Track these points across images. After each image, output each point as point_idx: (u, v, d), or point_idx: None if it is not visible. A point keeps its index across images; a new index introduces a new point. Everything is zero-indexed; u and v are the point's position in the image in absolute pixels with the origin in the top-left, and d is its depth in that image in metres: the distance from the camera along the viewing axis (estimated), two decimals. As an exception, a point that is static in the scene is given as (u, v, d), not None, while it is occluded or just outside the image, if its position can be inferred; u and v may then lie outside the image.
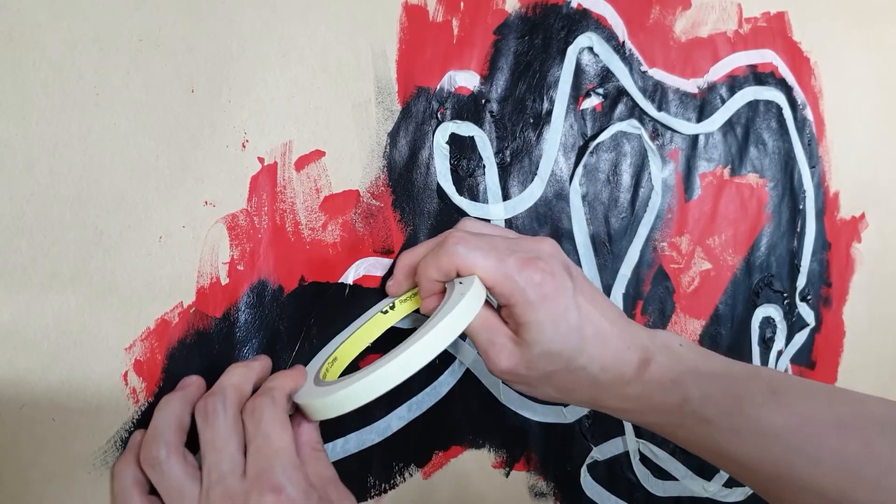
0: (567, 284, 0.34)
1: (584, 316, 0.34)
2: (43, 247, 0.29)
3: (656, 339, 0.36)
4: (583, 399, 0.36)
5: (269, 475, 0.29)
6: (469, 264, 0.34)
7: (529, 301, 0.33)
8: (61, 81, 0.30)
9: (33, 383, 0.29)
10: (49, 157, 0.29)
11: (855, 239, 0.63)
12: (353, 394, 0.30)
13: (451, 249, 0.34)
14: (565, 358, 0.34)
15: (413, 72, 0.39)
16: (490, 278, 0.34)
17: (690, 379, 0.34)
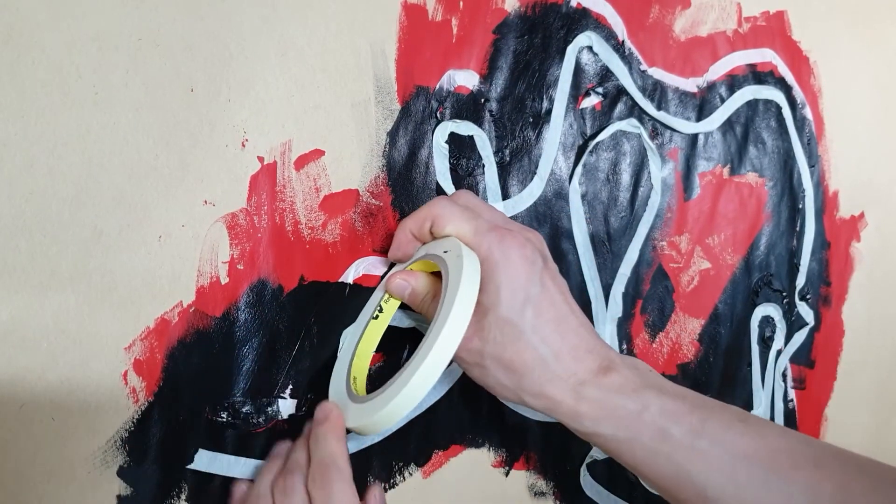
0: (536, 261, 0.34)
1: (546, 295, 0.33)
2: (42, 246, 0.29)
3: (626, 359, 0.35)
4: (532, 389, 0.33)
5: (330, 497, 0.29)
6: (445, 216, 0.34)
7: (493, 260, 0.33)
8: (60, 81, 0.30)
9: (33, 383, 0.29)
10: (48, 156, 0.29)
11: (854, 238, 0.63)
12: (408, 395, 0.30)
13: (433, 202, 0.35)
14: (517, 329, 0.32)
15: (412, 71, 0.39)
16: (459, 232, 0.34)
17: (654, 393, 0.33)
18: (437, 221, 0.34)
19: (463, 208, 0.35)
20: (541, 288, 0.33)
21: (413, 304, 0.37)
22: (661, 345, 0.51)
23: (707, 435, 0.31)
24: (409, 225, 0.35)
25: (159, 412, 0.33)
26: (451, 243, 0.34)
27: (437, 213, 0.34)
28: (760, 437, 0.31)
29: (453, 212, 0.34)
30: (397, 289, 0.36)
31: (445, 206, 0.34)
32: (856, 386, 0.64)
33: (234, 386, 0.34)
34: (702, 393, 0.34)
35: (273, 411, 0.36)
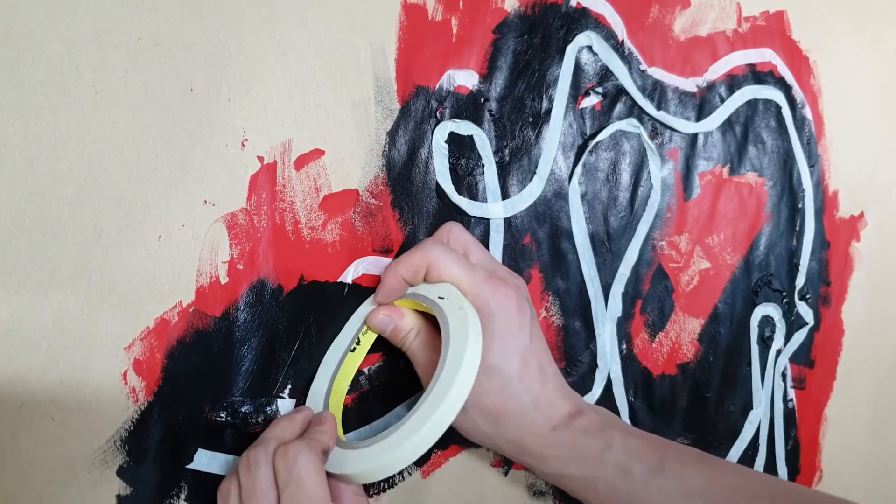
0: (526, 311, 0.35)
1: (534, 346, 0.34)
2: (42, 246, 0.29)
3: (592, 405, 0.37)
4: (509, 435, 0.34)
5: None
6: (441, 262, 0.34)
7: (490, 311, 0.34)
8: (60, 80, 0.30)
9: (32, 382, 0.29)
10: (48, 156, 0.29)
11: (854, 238, 0.63)
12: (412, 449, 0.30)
13: (427, 246, 0.35)
14: (504, 378, 0.33)
15: (412, 71, 0.39)
16: (455, 280, 0.34)
17: (618, 433, 0.35)
18: (432, 269, 0.34)
19: (458, 256, 0.35)
20: (529, 339, 0.34)
21: (394, 340, 0.37)
22: (661, 344, 0.51)
23: (667, 472, 0.33)
24: (401, 270, 0.35)
25: (159, 412, 0.33)
26: (447, 290, 0.34)
27: (432, 260, 0.34)
28: (719, 474, 0.33)
29: (449, 259, 0.34)
30: (380, 325, 0.36)
31: (441, 252, 0.34)
32: (855, 385, 0.64)
33: (233, 386, 0.35)
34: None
35: (272, 411, 0.36)
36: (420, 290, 0.35)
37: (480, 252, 0.37)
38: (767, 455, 0.57)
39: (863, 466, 0.65)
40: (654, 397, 0.50)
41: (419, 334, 0.36)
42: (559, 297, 0.45)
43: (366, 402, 0.39)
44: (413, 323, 0.37)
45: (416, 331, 0.36)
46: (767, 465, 0.57)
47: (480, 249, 0.37)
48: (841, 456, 0.63)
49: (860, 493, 0.65)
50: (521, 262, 0.44)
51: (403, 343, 0.37)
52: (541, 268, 0.44)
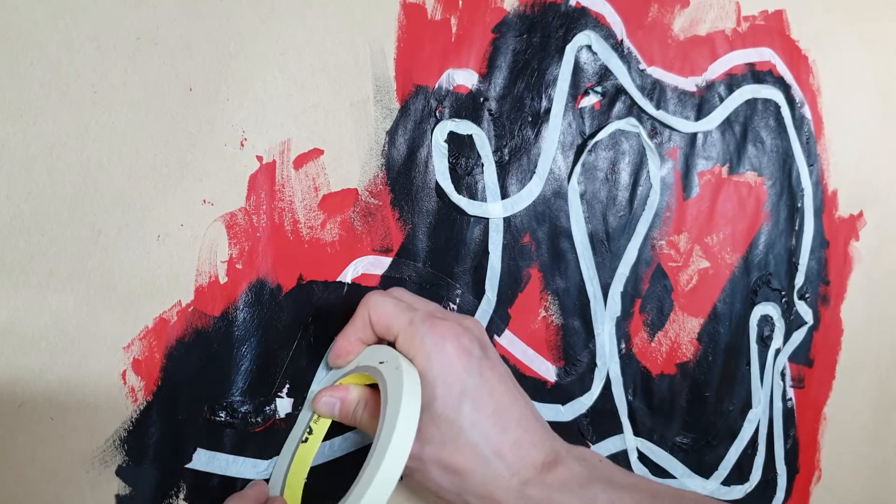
0: (474, 350, 0.32)
1: (485, 386, 0.31)
2: (41, 246, 0.29)
3: (573, 450, 0.33)
4: (476, 490, 0.31)
5: None
6: (379, 306, 0.33)
7: (426, 352, 0.31)
8: (59, 80, 0.30)
9: (31, 382, 0.29)
10: (47, 155, 0.29)
11: (853, 237, 0.63)
12: None
13: (366, 298, 0.34)
14: (455, 427, 0.31)
15: (411, 70, 0.39)
16: (393, 321, 0.33)
17: (601, 487, 0.31)
18: (372, 315, 0.33)
19: (397, 300, 0.34)
20: (479, 378, 0.31)
21: (345, 419, 0.35)
22: (660, 344, 0.51)
23: None
24: (350, 332, 0.34)
25: (158, 411, 0.33)
26: (386, 353, 0.33)
27: (371, 305, 0.33)
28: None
29: (386, 302, 0.33)
30: (325, 407, 0.34)
31: (379, 297, 0.34)
32: (855, 385, 0.64)
33: (232, 385, 0.35)
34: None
35: (271, 410, 0.36)
36: (362, 361, 0.35)
37: (427, 303, 0.36)
38: (766, 454, 0.57)
39: (862, 465, 0.65)
40: (653, 396, 0.50)
41: (367, 405, 0.34)
42: (558, 297, 0.45)
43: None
44: (359, 395, 0.34)
45: (364, 402, 0.34)
46: (766, 464, 0.57)
47: (426, 302, 0.36)
48: (840, 455, 0.63)
49: (859, 492, 0.65)
50: (520, 262, 0.44)
51: (353, 418, 0.35)
52: (540, 267, 0.44)
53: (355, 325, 0.34)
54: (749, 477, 0.55)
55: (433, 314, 0.33)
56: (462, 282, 0.41)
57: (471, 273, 0.42)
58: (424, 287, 0.40)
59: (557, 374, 0.45)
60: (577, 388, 0.46)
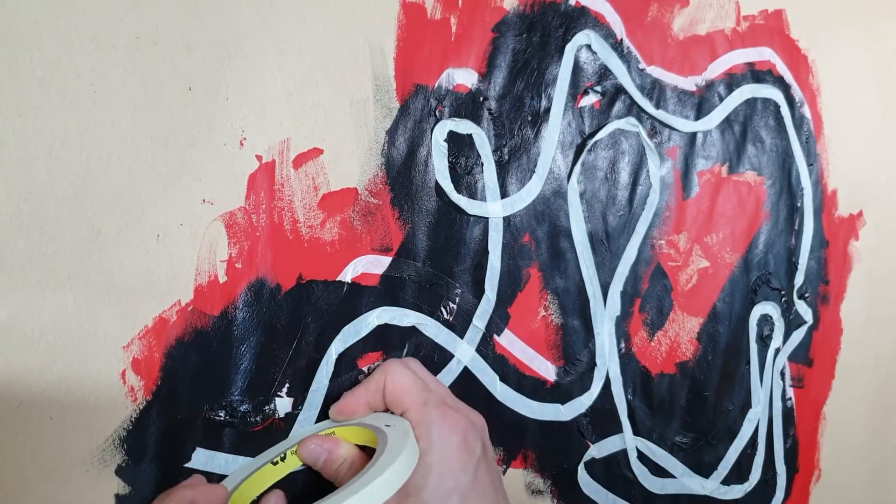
0: (476, 449, 0.32)
1: (477, 488, 0.31)
2: (40, 245, 0.29)
3: None
4: None
5: None
6: (397, 377, 0.33)
7: (431, 440, 0.31)
8: (58, 79, 0.30)
9: (31, 381, 0.29)
10: (46, 155, 0.29)
11: (853, 236, 0.63)
12: None
13: (387, 363, 0.34)
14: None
15: (411, 69, 0.39)
16: (406, 400, 0.33)
17: None
18: (388, 383, 0.33)
19: (415, 376, 0.34)
20: (473, 479, 0.31)
21: (326, 471, 0.34)
22: (660, 343, 0.51)
23: None
24: (361, 393, 0.34)
25: (157, 411, 0.33)
26: (397, 421, 0.33)
27: (389, 373, 0.33)
28: None
29: (405, 374, 0.33)
30: (311, 455, 0.34)
31: (398, 367, 0.34)
32: (854, 384, 0.64)
33: (231, 384, 0.35)
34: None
35: (270, 410, 0.36)
36: (368, 420, 0.34)
37: (440, 385, 0.36)
38: (766, 454, 0.57)
39: (862, 465, 0.65)
40: (652, 396, 0.50)
41: (352, 465, 0.33)
42: (558, 296, 0.45)
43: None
44: (348, 453, 0.34)
45: (350, 462, 0.34)
46: (766, 463, 0.57)
47: (440, 383, 0.36)
48: (840, 454, 0.63)
49: (859, 491, 0.65)
50: (519, 261, 0.44)
51: (335, 474, 0.34)
52: (540, 266, 0.44)
53: (367, 389, 0.34)
54: (748, 476, 0.55)
55: (445, 401, 0.34)
56: (462, 281, 0.41)
57: (470, 272, 0.42)
58: (424, 286, 0.40)
59: (557, 374, 0.45)
60: (576, 387, 0.46)
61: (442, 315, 0.41)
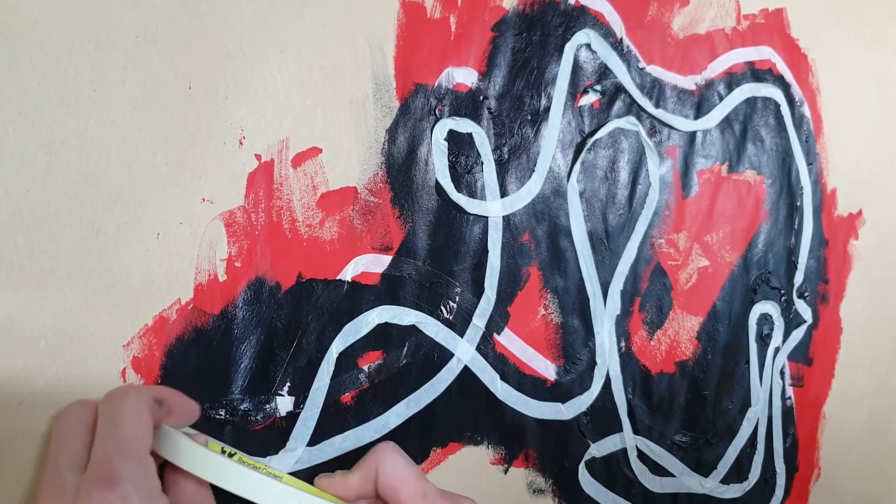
0: None
1: None
2: (40, 244, 0.29)
3: None
4: None
5: (106, 465, 0.23)
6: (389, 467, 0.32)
7: None
8: (58, 78, 0.30)
9: (31, 380, 0.29)
10: (46, 154, 0.29)
11: (852, 236, 0.63)
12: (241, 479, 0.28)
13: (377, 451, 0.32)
14: None
15: (411, 68, 0.39)
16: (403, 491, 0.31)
17: None
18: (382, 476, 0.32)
19: (408, 462, 0.33)
20: None
21: None
22: (660, 342, 0.51)
23: None
24: (351, 481, 0.32)
25: (157, 409, 0.32)
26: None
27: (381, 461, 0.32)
28: None
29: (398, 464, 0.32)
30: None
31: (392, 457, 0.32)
32: (854, 383, 0.64)
33: (232, 383, 0.35)
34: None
35: (271, 409, 0.36)
36: None
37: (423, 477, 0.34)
38: (766, 452, 0.57)
39: (861, 464, 0.65)
40: (652, 395, 0.50)
41: None
42: (558, 295, 0.45)
43: (365, 400, 0.39)
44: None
45: None
46: (765, 462, 0.57)
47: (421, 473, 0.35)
48: (839, 453, 0.63)
49: (858, 490, 0.65)
50: (519, 260, 0.44)
51: None
52: (539, 265, 0.44)
53: (356, 476, 0.33)
54: (748, 475, 0.55)
55: (445, 493, 0.33)
56: (461, 280, 0.41)
57: (470, 271, 0.42)
58: (424, 285, 0.40)
59: (557, 373, 0.45)
60: (576, 386, 0.46)
61: (442, 314, 0.41)
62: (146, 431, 0.25)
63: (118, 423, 0.25)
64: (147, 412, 0.26)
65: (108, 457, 0.24)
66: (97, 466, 0.24)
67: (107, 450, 0.24)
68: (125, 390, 0.27)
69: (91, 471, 0.24)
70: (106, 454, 0.24)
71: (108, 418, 0.25)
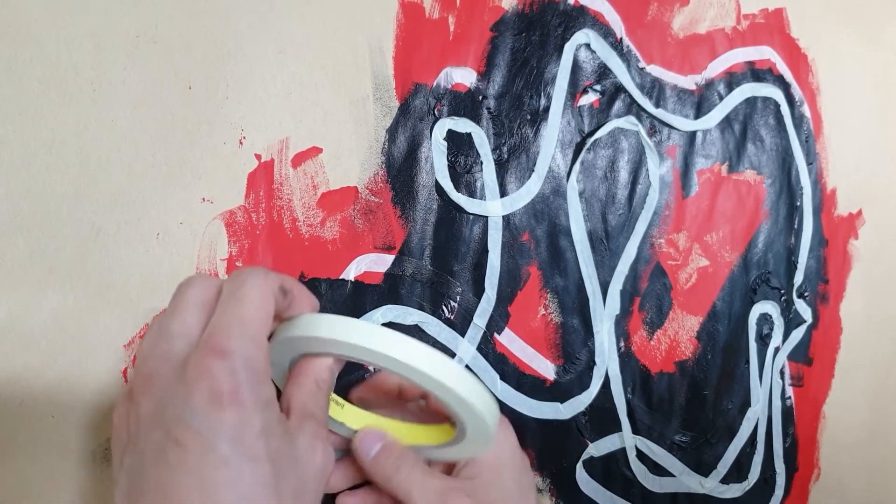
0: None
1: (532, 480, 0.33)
2: (41, 243, 0.29)
3: None
4: None
5: (221, 336, 0.23)
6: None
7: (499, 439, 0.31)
8: (58, 78, 0.30)
9: (31, 380, 0.30)
10: (46, 153, 0.29)
11: (852, 236, 0.63)
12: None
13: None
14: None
15: (410, 68, 0.39)
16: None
17: None
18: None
19: None
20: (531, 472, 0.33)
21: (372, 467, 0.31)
22: (659, 342, 0.51)
23: None
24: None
25: (158, 409, 0.33)
26: None
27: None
28: None
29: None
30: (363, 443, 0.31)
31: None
32: (854, 383, 0.64)
33: (232, 383, 0.34)
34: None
35: (271, 408, 0.36)
36: None
37: None
38: (765, 452, 0.57)
39: (861, 464, 0.65)
40: (652, 395, 0.50)
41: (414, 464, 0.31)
42: (557, 295, 0.45)
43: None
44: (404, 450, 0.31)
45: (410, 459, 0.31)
46: (765, 462, 0.57)
47: None
48: (839, 453, 0.63)
49: (858, 490, 0.65)
50: (519, 260, 0.44)
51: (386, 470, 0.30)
52: (539, 265, 0.45)
53: None
54: (748, 475, 0.55)
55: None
56: (462, 280, 0.41)
57: (470, 271, 0.42)
58: (426, 285, 0.40)
59: (556, 372, 0.45)
60: (576, 386, 0.46)
61: (443, 313, 0.41)
62: (267, 315, 0.25)
63: (241, 301, 0.24)
64: (271, 297, 0.25)
65: (225, 329, 0.23)
66: (212, 336, 0.23)
67: (226, 323, 0.24)
68: (254, 271, 0.26)
69: (205, 340, 0.23)
70: (223, 327, 0.23)
71: (232, 294, 0.25)
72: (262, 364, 0.24)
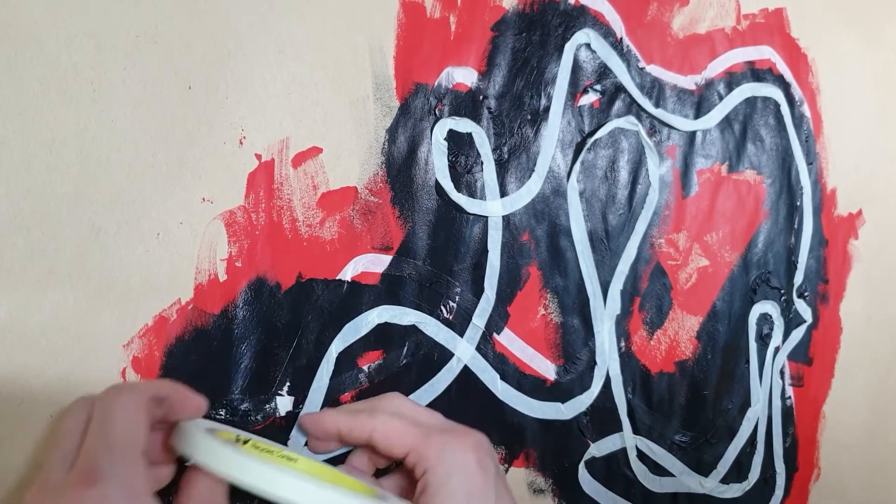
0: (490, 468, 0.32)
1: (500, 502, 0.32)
2: (40, 243, 0.29)
3: None
4: None
5: (90, 464, 0.23)
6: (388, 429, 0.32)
7: (448, 463, 0.31)
8: (58, 78, 0.30)
9: (31, 380, 0.29)
10: (46, 153, 0.29)
11: (852, 236, 0.63)
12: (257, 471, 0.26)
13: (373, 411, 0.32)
14: None
15: (411, 68, 0.39)
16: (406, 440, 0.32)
17: None
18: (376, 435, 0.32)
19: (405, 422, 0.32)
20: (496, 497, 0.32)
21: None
22: (659, 342, 0.51)
23: None
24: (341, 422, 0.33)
25: (158, 409, 0.32)
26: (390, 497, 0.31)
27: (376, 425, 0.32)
28: None
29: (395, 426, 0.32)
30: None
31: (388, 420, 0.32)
32: (854, 383, 0.64)
33: (232, 383, 0.35)
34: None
35: (271, 408, 0.36)
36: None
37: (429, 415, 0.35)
38: (765, 452, 0.57)
39: (861, 464, 0.65)
40: (652, 395, 0.50)
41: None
42: (558, 295, 0.45)
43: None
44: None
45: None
46: (765, 462, 0.57)
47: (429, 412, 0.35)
48: (839, 453, 0.63)
49: (858, 490, 0.65)
50: (519, 260, 0.44)
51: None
52: (539, 265, 0.45)
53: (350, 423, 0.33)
54: (748, 475, 0.55)
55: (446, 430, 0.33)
56: (461, 280, 0.41)
57: (470, 271, 0.42)
58: (424, 285, 0.40)
59: (557, 373, 0.45)
60: (576, 386, 0.46)
61: (442, 314, 0.41)
62: (137, 430, 0.25)
63: (108, 422, 0.24)
64: (142, 410, 0.26)
65: (93, 455, 0.23)
66: (81, 464, 0.23)
67: (94, 448, 0.24)
68: (119, 388, 0.26)
69: (75, 468, 0.23)
70: (92, 452, 0.24)
71: (99, 416, 0.25)
72: (136, 481, 0.24)
